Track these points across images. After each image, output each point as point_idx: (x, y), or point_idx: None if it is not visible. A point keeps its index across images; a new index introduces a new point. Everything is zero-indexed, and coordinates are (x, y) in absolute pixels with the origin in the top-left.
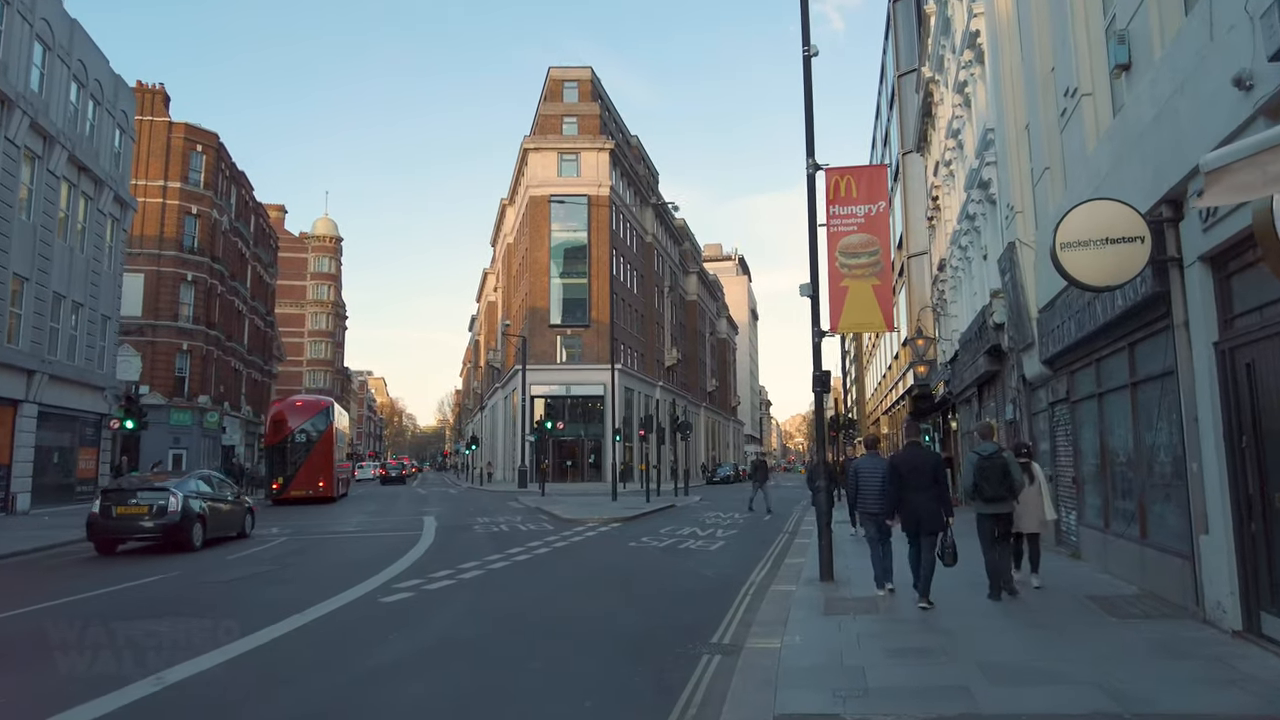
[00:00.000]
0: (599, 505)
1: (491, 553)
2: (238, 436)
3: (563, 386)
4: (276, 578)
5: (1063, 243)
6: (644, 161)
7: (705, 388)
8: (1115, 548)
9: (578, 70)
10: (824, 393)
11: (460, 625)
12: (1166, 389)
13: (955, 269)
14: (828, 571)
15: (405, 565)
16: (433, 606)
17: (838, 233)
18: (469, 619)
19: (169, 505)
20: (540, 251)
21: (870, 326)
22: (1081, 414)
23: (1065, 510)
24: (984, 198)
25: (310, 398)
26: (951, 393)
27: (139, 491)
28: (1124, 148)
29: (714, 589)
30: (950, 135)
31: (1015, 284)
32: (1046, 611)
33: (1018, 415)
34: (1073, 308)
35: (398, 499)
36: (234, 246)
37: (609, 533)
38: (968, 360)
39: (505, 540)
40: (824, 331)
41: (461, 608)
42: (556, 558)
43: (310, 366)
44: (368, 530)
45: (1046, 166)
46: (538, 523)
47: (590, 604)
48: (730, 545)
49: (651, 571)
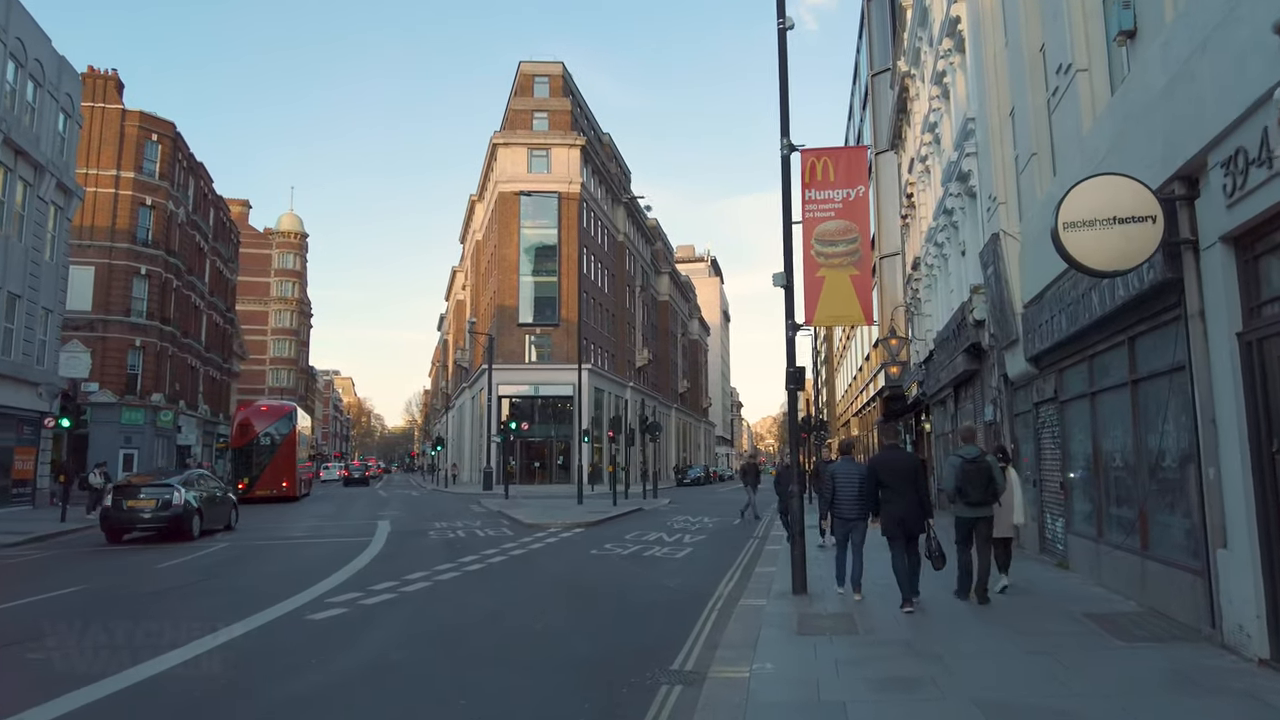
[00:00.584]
0: (564, 509)
1: (442, 562)
2: (194, 436)
3: (531, 386)
4: (204, 589)
5: (1066, 222)
6: (616, 160)
7: (677, 389)
8: (1111, 559)
9: (549, 65)
10: (798, 390)
11: (392, 648)
12: (1175, 386)
13: (931, 267)
14: (800, 584)
15: (346, 575)
16: (366, 625)
17: (814, 219)
18: (403, 640)
19: (173, 499)
20: (509, 248)
21: (848, 319)
22: (1071, 415)
23: (1051, 517)
24: (963, 191)
25: (274, 403)
26: (925, 394)
27: (146, 487)
28: (1127, 123)
29: (678, 603)
30: (927, 129)
31: (998, 277)
32: (1043, 632)
33: (998, 417)
34: (1064, 300)
35: (356, 501)
36: (191, 240)
37: (571, 539)
38: (944, 360)
39: (460, 547)
40: (799, 324)
41: (397, 626)
42: (512, 567)
43: (274, 365)
44: (316, 535)
45: (1033, 152)
46: (497, 528)
47: (541, 621)
48: (698, 553)
49: (612, 583)
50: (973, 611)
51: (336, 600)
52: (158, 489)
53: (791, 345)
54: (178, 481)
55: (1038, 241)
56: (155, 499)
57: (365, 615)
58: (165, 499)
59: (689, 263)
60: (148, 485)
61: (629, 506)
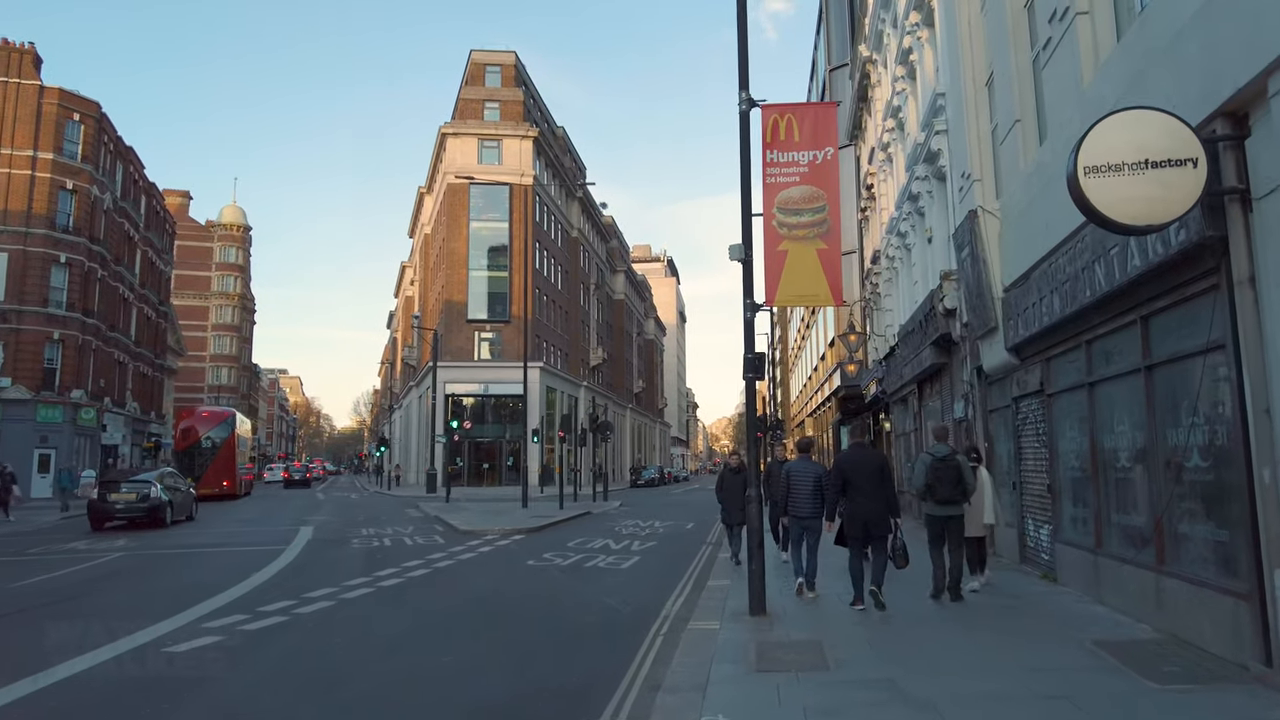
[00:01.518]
0: (506, 513)
1: (356, 575)
2: (121, 435)
3: (481, 385)
4: (70, 611)
5: (1087, 166)
6: (570, 154)
7: (632, 389)
8: (1115, 574)
9: (501, 54)
10: (756, 378)
11: (254, 694)
12: (1209, 370)
13: (892, 259)
14: (759, 603)
15: (240, 593)
16: (232, 661)
17: (776, 184)
18: (272, 682)
19: (151, 492)
20: (458, 242)
21: (814, 299)
22: (1061, 409)
23: (1034, 523)
24: (930, 173)
25: (216, 409)
26: (884, 392)
27: (126, 482)
28: (1148, 61)
29: (618, 626)
30: (889, 115)
31: (975, 259)
32: (1052, 666)
33: (970, 413)
34: (1057, 278)
35: (290, 503)
36: (119, 228)
37: (507, 548)
38: (908, 354)
39: (381, 558)
40: (758, 304)
41: (270, 662)
42: (433, 582)
43: (214, 362)
44: (228, 542)
45: (1016, 119)
46: (429, 535)
47: (452, 653)
48: (645, 562)
49: (544, 601)
50: (960, 629)
51: (213, 625)
52: (137, 484)
53: (750, 328)
54: (153, 478)
55: (1022, 217)
56: (135, 492)
57: (237, 646)
58: (144, 493)
59: (645, 262)
60: (128, 480)
61: (577, 510)
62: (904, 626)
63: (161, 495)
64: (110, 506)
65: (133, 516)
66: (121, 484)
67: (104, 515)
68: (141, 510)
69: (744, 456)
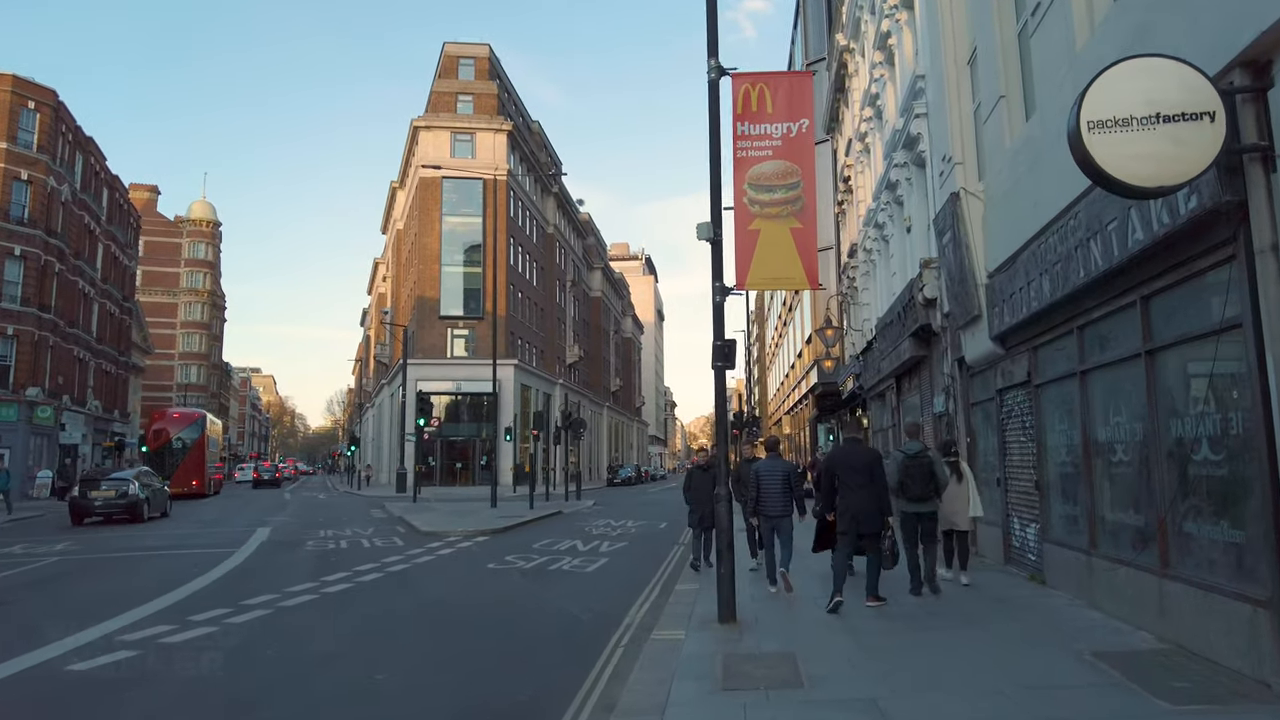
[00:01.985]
0: (474, 514)
1: (302, 580)
2: (81, 434)
3: (454, 383)
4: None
5: (1091, 121)
6: (546, 149)
7: (609, 387)
8: (1110, 577)
9: (474, 47)
10: (726, 367)
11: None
12: (1222, 353)
13: (869, 252)
14: (729, 610)
15: (174, 599)
16: (145, 677)
17: (747, 159)
18: (179, 706)
19: (129, 490)
20: (430, 237)
21: (788, 283)
22: (1050, 400)
23: (1020, 522)
24: (909, 160)
25: (186, 410)
26: (862, 388)
27: (105, 480)
28: (1153, 13)
29: (576, 635)
30: (867, 103)
31: (957, 243)
32: (1052, 682)
33: (951, 407)
34: (1046, 259)
35: (254, 504)
36: (79, 221)
37: (469, 550)
38: (885, 348)
39: (334, 562)
40: (728, 288)
41: (183, 682)
42: (384, 588)
43: (183, 360)
44: (181, 544)
45: (1001, 95)
46: (389, 537)
47: (390, 668)
48: (613, 564)
49: (500, 608)
50: (946, 638)
51: (131, 638)
52: (116, 481)
53: (720, 313)
54: (131, 476)
55: (1007, 197)
56: (114, 489)
57: (151, 661)
58: (123, 490)
59: (623, 260)
60: (107, 478)
61: (547, 510)
62: (885, 634)
63: (139, 493)
64: (90, 503)
65: (110, 512)
66: (101, 482)
67: (84, 511)
68: (120, 506)
69: (713, 454)
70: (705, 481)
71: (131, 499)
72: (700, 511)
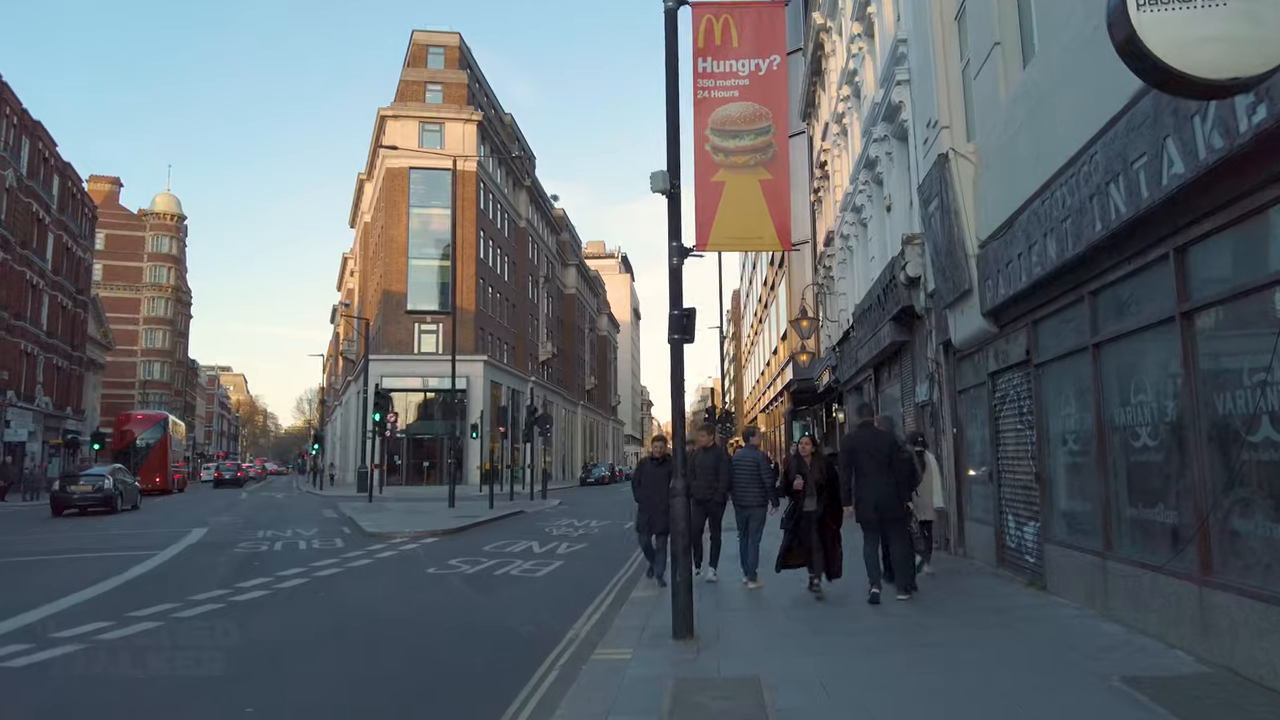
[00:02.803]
0: (429, 513)
1: (213, 587)
2: (28, 431)
3: (421, 379)
4: None
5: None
6: (519, 142)
7: (584, 385)
8: (1132, 584)
9: (444, 35)
10: (684, 340)
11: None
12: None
13: (846, 238)
14: (684, 624)
15: (50, 611)
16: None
17: (710, 100)
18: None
19: (105, 485)
20: (397, 229)
21: (757, 243)
22: (1053, 381)
23: (1015, 520)
24: (890, 133)
25: (150, 413)
26: (838, 381)
27: (84, 476)
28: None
29: (506, 656)
30: (845, 82)
31: (945, 211)
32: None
33: (935, 396)
34: (1053, 216)
35: (205, 503)
36: (26, 209)
37: (414, 552)
38: (864, 336)
39: (259, 565)
40: (687, 249)
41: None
42: (301, 597)
43: (146, 356)
44: (103, 547)
45: (996, 42)
46: (331, 538)
47: (268, 699)
48: (567, 568)
49: (427, 622)
50: (940, 658)
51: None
52: (93, 477)
53: (677, 277)
54: (105, 472)
55: (1002, 154)
56: (91, 484)
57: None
58: (99, 485)
59: (599, 259)
60: (85, 474)
61: (508, 510)
62: (868, 652)
63: (113, 487)
64: (69, 496)
65: (87, 504)
66: (80, 477)
67: (64, 504)
68: (96, 499)
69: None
70: (660, 477)
71: (106, 493)
72: (654, 513)
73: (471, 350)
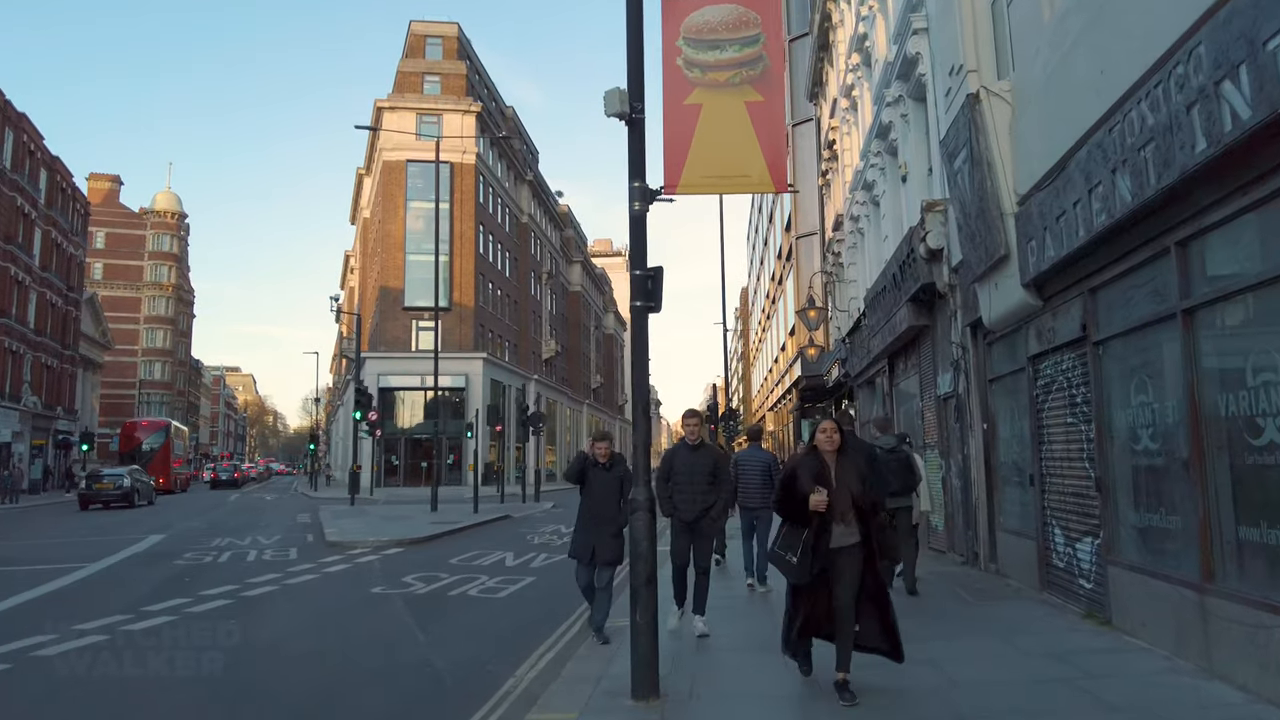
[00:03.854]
0: (408, 519)
1: (110, 614)
2: (10, 431)
3: (419, 377)
4: None
5: None
6: (521, 136)
7: (589, 384)
8: (1253, 634)
9: (442, 25)
10: (647, 308)
11: None
12: None
13: (857, 219)
14: (647, 680)
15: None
16: None
17: (681, 2)
18: None
19: (124, 483)
20: (394, 223)
21: (741, 183)
22: (1119, 361)
23: (1065, 535)
24: (905, 92)
25: (155, 419)
26: (848, 374)
27: (106, 475)
28: None
29: (418, 713)
30: (855, 49)
31: (975, 164)
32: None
33: (962, 386)
34: (1126, 146)
35: (190, 504)
36: (10, 202)
37: (370, 565)
38: (877, 322)
39: (188, 583)
40: (652, 191)
41: None
42: (205, 625)
43: (146, 356)
44: (36, 559)
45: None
46: (288, 549)
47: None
48: (536, 586)
49: (339, 660)
50: None
51: None
52: (114, 476)
53: (640, 228)
54: (125, 473)
55: (1050, 85)
56: (112, 483)
57: None
58: (119, 484)
59: (605, 256)
60: (107, 474)
61: (494, 514)
62: (882, 713)
63: (131, 485)
64: (95, 493)
65: (109, 500)
66: (103, 476)
67: (90, 499)
68: (116, 495)
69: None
70: (609, 486)
71: (125, 490)
72: (601, 534)
73: (471, 347)
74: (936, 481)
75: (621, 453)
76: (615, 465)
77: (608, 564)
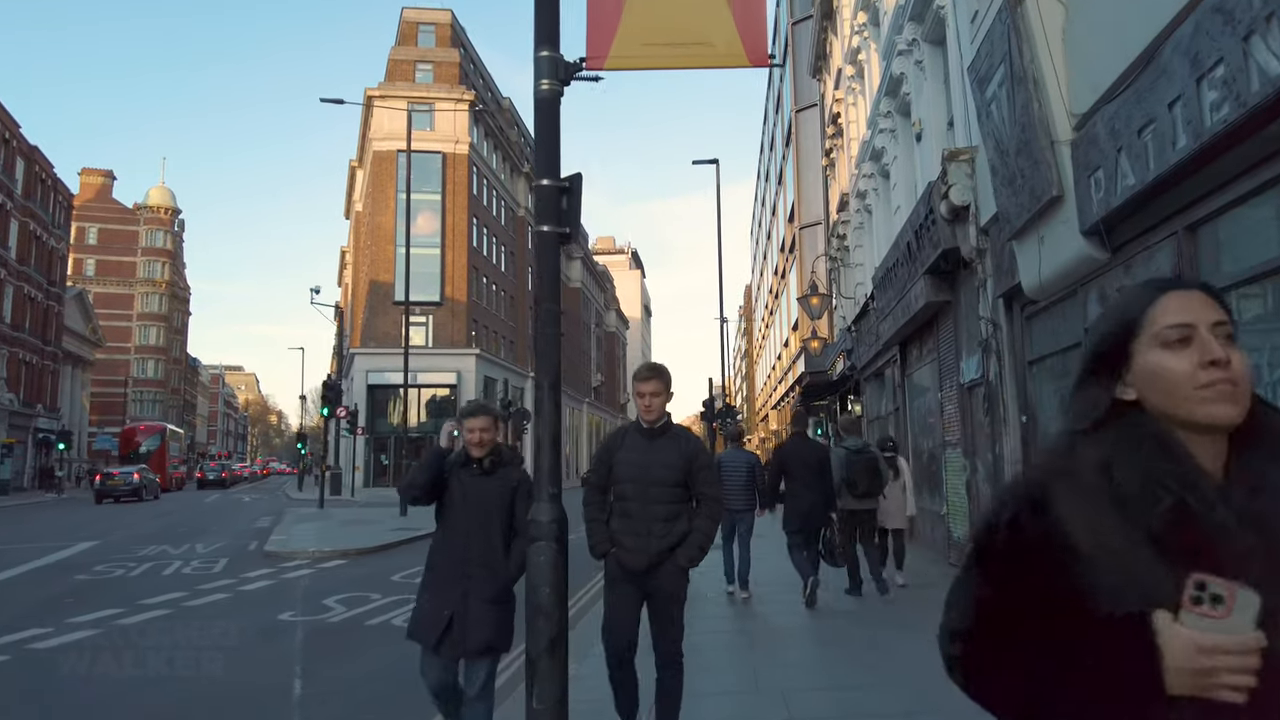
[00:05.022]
0: (367, 526)
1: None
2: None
3: (410, 374)
4: None
5: None
6: (517, 127)
7: (590, 382)
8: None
9: (435, 12)
10: (560, 235)
11: None
12: None
13: (863, 195)
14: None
15: None
16: None
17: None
18: None
19: (133, 480)
20: (385, 215)
21: (700, 55)
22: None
23: None
24: (920, 35)
25: (152, 423)
26: (854, 367)
27: (118, 473)
28: None
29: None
30: (861, 7)
31: (1017, 84)
32: None
33: (994, 371)
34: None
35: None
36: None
37: (295, 583)
38: (887, 303)
39: (70, 605)
40: (572, 65)
41: None
42: (21, 673)
43: (139, 354)
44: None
45: None
46: (219, 560)
47: None
48: None
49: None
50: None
51: None
52: (125, 474)
53: (549, 114)
54: (134, 471)
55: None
56: (124, 480)
57: None
58: (129, 480)
59: (608, 254)
60: (119, 472)
61: None
62: None
63: (139, 482)
64: (110, 489)
65: (120, 494)
66: (116, 474)
67: (104, 494)
68: (127, 490)
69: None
70: (485, 502)
71: (134, 485)
72: (446, 598)
73: (464, 343)
74: (960, 486)
75: (515, 446)
76: (501, 467)
77: (480, 653)
